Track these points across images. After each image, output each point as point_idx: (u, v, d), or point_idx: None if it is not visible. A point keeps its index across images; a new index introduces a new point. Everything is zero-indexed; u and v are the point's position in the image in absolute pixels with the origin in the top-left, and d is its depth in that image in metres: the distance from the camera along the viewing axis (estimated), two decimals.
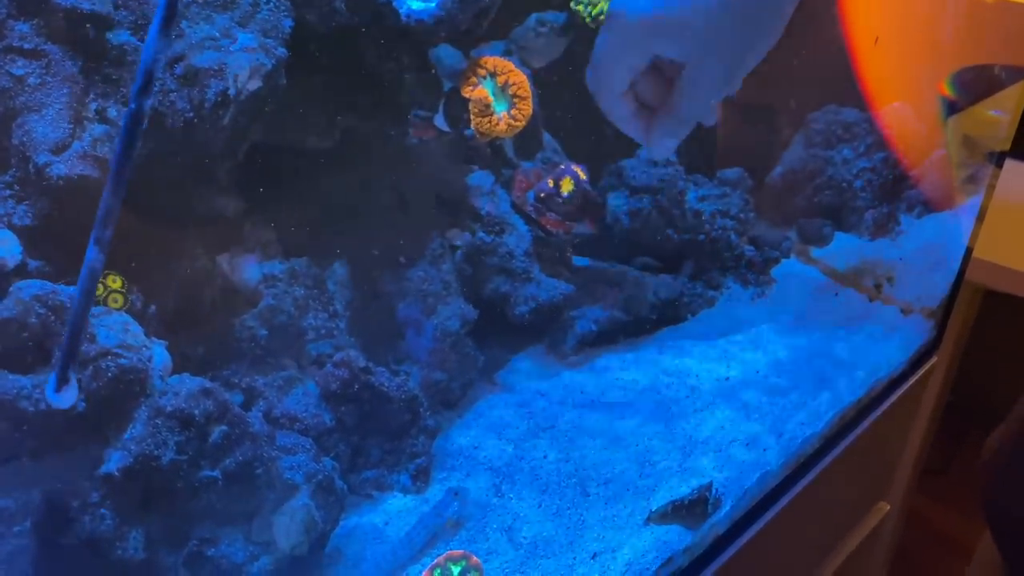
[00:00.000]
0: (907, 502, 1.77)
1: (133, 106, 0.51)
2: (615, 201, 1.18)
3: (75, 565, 0.64)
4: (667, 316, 1.14)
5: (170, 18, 0.49)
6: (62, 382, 0.60)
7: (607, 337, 1.10)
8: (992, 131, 1.34)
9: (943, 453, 2.37)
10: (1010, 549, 1.06)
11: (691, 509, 0.84)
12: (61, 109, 0.69)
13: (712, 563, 0.85)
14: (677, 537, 0.82)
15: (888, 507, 1.37)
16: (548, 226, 1.10)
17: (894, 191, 1.37)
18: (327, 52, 0.81)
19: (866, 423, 1.09)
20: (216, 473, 0.66)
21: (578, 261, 1.12)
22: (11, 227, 0.69)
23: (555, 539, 0.80)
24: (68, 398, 0.61)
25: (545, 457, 0.90)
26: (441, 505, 0.80)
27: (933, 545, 2.32)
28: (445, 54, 0.91)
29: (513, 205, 1.07)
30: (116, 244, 0.75)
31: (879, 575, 1.68)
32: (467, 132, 0.89)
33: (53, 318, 0.64)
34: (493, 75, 0.80)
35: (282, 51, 0.75)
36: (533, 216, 1.10)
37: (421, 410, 0.86)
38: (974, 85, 1.35)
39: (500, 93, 0.79)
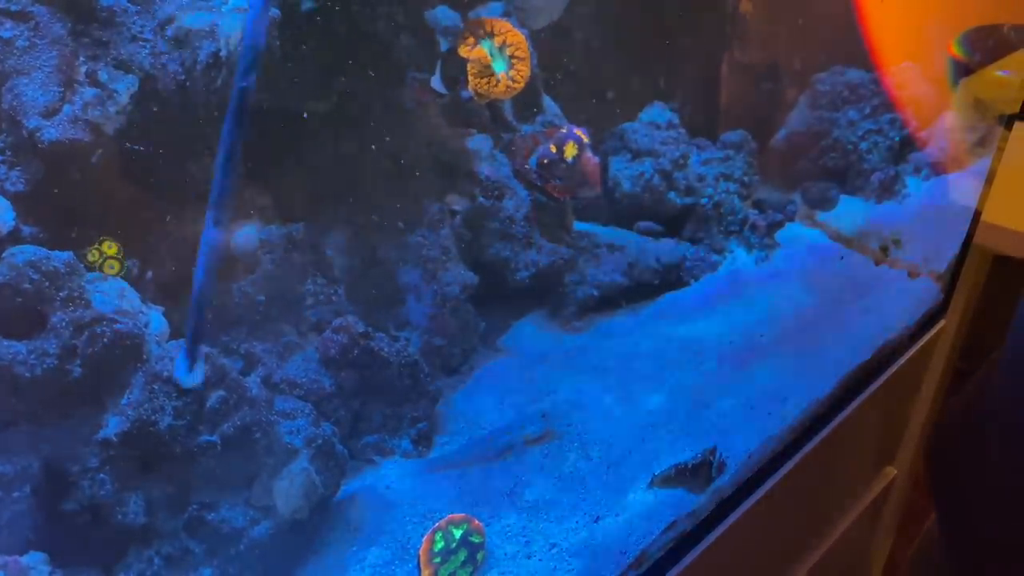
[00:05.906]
0: (915, 467, 1.76)
1: (243, 84, 0.53)
2: (617, 165, 1.16)
3: (75, 530, 0.64)
4: (670, 281, 1.13)
5: None
6: (193, 361, 0.64)
7: (609, 302, 1.09)
8: (1002, 93, 1.32)
9: None
10: (947, 515, 1.04)
11: (695, 473, 0.83)
12: (51, 72, 0.68)
13: (716, 527, 0.85)
14: (681, 501, 0.81)
15: (895, 472, 1.37)
16: (554, 193, 1.09)
17: (901, 153, 1.35)
18: (321, 12, 0.80)
19: (873, 386, 1.08)
20: (214, 438, 0.66)
21: (579, 226, 1.11)
22: (4, 193, 0.69)
23: (557, 503, 0.80)
24: (197, 376, 0.64)
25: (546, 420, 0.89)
26: (526, 420, 0.84)
27: None
28: (442, 15, 0.90)
29: (516, 172, 1.05)
30: (111, 210, 0.75)
31: (885, 540, 1.68)
32: (464, 95, 0.87)
33: (47, 284, 0.64)
34: (491, 35, 0.78)
35: (274, 11, 0.74)
36: (538, 183, 1.08)
37: (422, 375, 0.86)
38: (983, 46, 1.33)
39: (498, 54, 0.78)
